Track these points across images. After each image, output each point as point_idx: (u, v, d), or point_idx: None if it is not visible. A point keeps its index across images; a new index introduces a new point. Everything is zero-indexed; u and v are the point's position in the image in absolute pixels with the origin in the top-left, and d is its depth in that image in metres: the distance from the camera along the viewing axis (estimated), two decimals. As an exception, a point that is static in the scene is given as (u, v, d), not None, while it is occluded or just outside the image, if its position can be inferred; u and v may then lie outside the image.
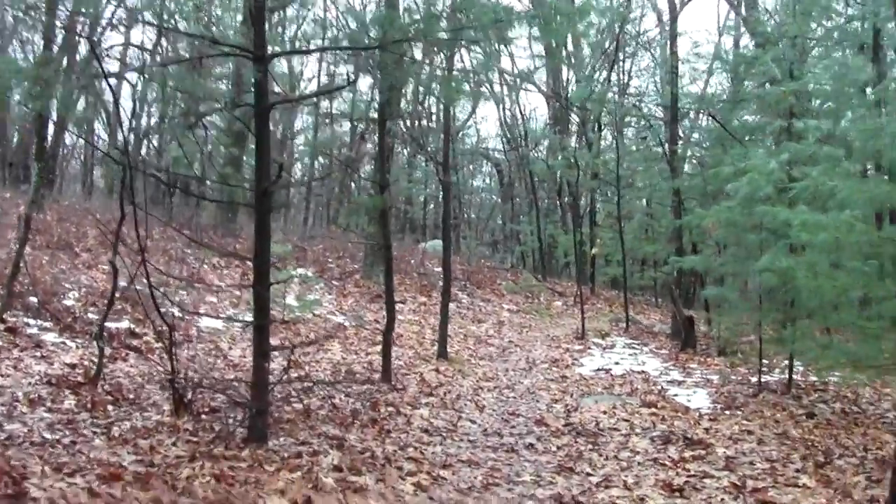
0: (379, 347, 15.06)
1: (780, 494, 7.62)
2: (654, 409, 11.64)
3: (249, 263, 8.67)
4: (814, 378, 13.84)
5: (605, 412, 11.46)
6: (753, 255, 13.02)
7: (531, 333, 22.00)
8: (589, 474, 8.48)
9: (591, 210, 36.26)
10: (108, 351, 12.00)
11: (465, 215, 48.83)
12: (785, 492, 7.70)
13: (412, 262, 31.64)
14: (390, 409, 10.91)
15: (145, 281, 9.91)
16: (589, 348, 18.82)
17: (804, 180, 10.48)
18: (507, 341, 20.09)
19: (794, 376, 13.39)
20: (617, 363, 16.56)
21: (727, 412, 11.67)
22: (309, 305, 18.98)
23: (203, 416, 9.19)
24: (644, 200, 34.24)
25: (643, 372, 15.47)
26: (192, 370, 11.04)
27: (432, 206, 45.91)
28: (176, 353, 9.47)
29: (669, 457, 9.06)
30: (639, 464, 8.86)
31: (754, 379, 13.84)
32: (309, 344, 11.60)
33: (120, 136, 29.96)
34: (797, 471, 8.40)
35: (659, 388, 13.72)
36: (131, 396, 9.91)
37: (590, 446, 9.70)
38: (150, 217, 11.74)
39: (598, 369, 15.89)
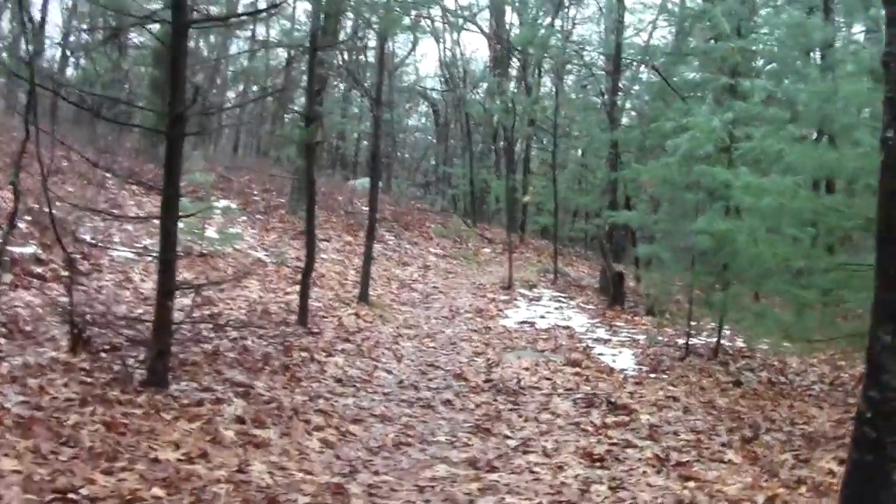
0: (299, 287, 14.55)
1: (704, 470, 7.23)
2: (578, 369, 11.26)
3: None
4: (741, 344, 13.57)
5: (527, 369, 11.06)
6: (689, 214, 12.66)
7: (457, 280, 21.56)
8: (507, 436, 8.05)
9: (525, 157, 35.79)
10: (7, 278, 11.33)
11: (398, 154, 48.11)
12: (710, 467, 7.31)
13: (340, 199, 30.97)
14: (304, 354, 10.39)
15: (56, 205, 9.22)
16: (515, 299, 18.42)
17: (748, 141, 10.07)
18: (431, 287, 19.62)
19: (722, 341, 13.11)
20: (542, 317, 16.17)
21: (653, 375, 11.34)
22: (229, 239, 18.27)
23: (102, 355, 8.58)
24: (579, 151, 33.85)
25: (569, 327, 15.10)
26: (99, 303, 10.42)
27: (365, 143, 45.05)
28: (79, 283, 8.87)
29: (592, 422, 8.67)
30: (559, 427, 8.45)
31: (681, 341, 13.55)
32: (219, 283, 10.96)
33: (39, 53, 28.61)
34: (723, 445, 8.03)
35: (584, 345, 13.36)
36: (28, 329, 9.26)
37: (509, 405, 9.28)
38: (71, 139, 11.00)
39: (523, 322, 15.49)
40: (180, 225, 16.82)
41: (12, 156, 13.50)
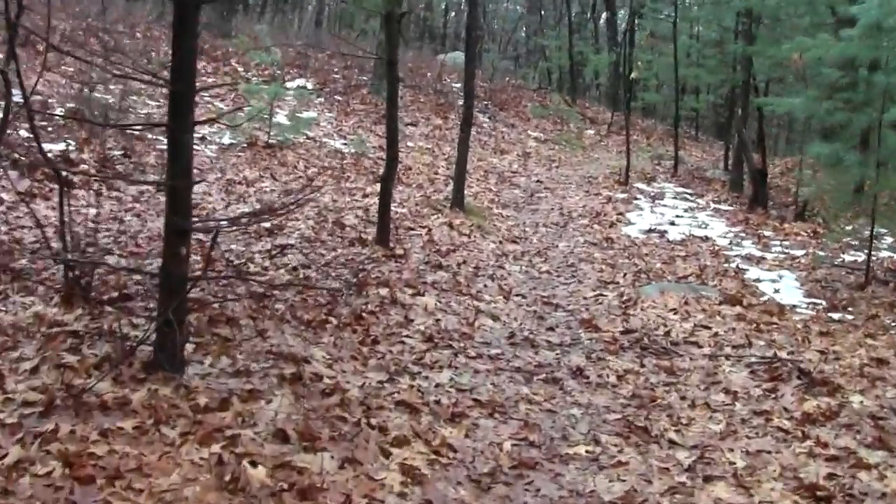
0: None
1: None
2: (739, 309, 8.62)
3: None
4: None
5: (674, 311, 8.44)
6: (875, 103, 9.79)
7: (562, 171, 18.88)
8: (673, 442, 5.52)
9: (629, 28, 32.41)
10: (24, 184, 9.11)
11: (489, 26, 44.79)
12: None
13: (429, 75, 28.21)
14: (383, 293, 7.93)
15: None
16: (635, 198, 15.71)
17: None
18: (534, 181, 16.99)
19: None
20: (673, 222, 13.48)
21: (835, 317, 8.67)
22: (301, 125, 15.84)
23: (108, 310, 6.23)
24: (692, 23, 30.27)
25: (708, 238, 12.40)
26: (107, 238, 8.11)
27: (453, 14, 41.89)
28: (72, 209, 6.51)
29: (785, 409, 6.07)
30: (743, 421, 5.88)
31: (849, 258, 10.85)
32: (256, 217, 8.16)
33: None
34: None
35: (734, 266, 10.69)
36: (20, 266, 7.02)
37: (664, 377, 6.73)
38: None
39: (651, 230, 12.84)
40: (245, 109, 14.57)
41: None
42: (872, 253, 10.23)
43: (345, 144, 16.45)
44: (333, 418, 5.14)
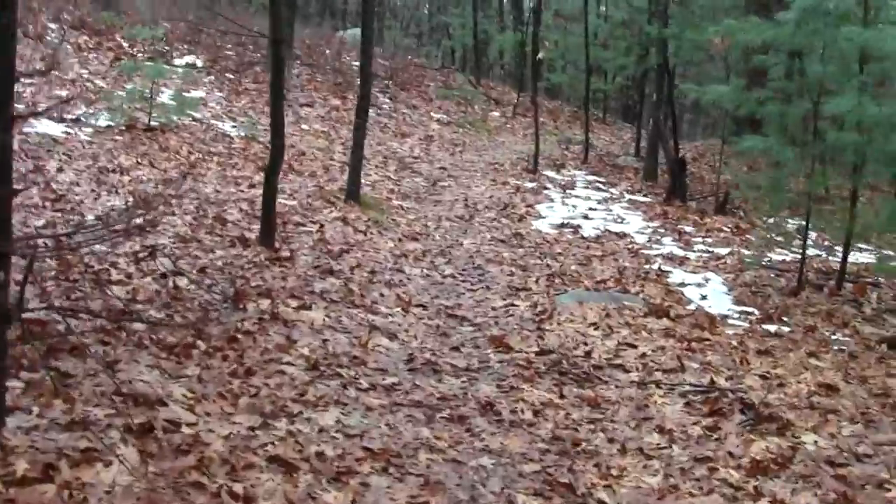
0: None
1: None
2: (667, 321, 7.72)
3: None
4: (856, 262, 10.12)
5: (594, 325, 7.49)
6: (811, 93, 8.94)
7: (467, 156, 17.89)
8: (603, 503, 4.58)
9: (536, 6, 31.49)
10: None
11: (390, 2, 43.51)
12: None
13: (328, 53, 26.90)
14: (263, 307, 6.85)
15: None
16: (545, 187, 14.78)
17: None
18: (437, 168, 15.97)
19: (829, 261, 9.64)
20: (586, 216, 12.59)
21: (771, 329, 7.82)
22: (186, 106, 14.57)
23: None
24: (598, 3, 29.47)
25: (625, 235, 11.53)
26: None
27: (356, -12, 40.52)
28: None
29: (731, 455, 5.17)
30: (684, 472, 4.96)
31: (777, 256, 10.11)
32: (104, 229, 6.86)
33: None
34: None
35: (656, 268, 9.81)
36: None
37: (587, 410, 5.78)
38: None
39: (563, 224, 11.93)
40: (126, 87, 13.24)
41: None
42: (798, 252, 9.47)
43: (234, 127, 15.23)
44: (188, 486, 4.07)
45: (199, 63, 20.31)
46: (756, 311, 8.39)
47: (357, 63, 23.61)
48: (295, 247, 8.90)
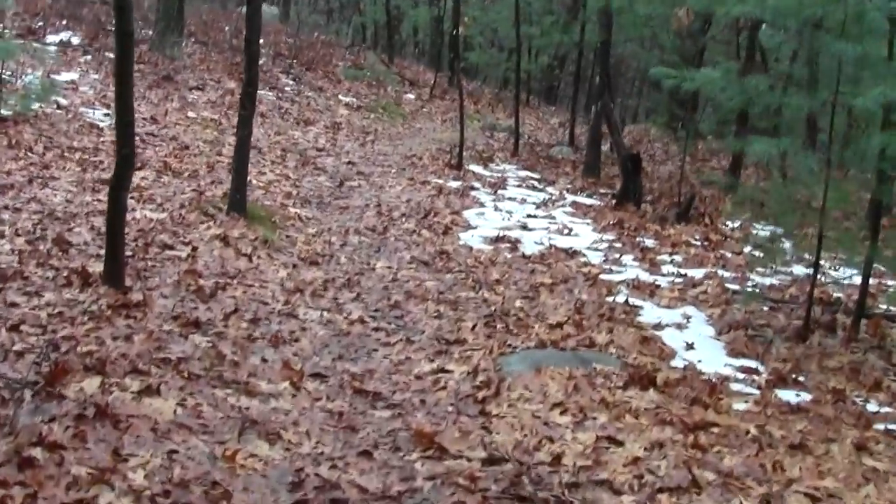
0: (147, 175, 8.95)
1: None
2: (654, 395, 5.61)
3: None
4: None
5: (559, 406, 5.35)
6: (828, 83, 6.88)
7: (380, 146, 15.69)
8: None
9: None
10: None
11: (298, -24, 40.89)
12: None
13: (227, 29, 24.41)
14: (88, 389, 4.69)
15: None
16: (472, 187, 12.63)
17: None
18: (345, 162, 13.73)
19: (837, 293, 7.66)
20: (525, 225, 10.48)
21: (789, 398, 5.79)
22: (49, 92, 12.20)
23: None
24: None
25: (576, 253, 9.42)
26: None
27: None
28: None
29: None
30: None
31: (772, 280, 8.15)
32: None
33: None
34: None
35: (622, 301, 7.72)
36: None
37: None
38: None
39: (497, 238, 9.79)
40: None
41: None
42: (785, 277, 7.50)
43: (108, 115, 12.79)
44: None
45: (76, 41, 17.84)
46: (760, 367, 6.36)
47: (261, 41, 21.35)
48: (154, 283, 6.66)
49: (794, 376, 6.22)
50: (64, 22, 19.48)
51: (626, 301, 7.65)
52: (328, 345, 6.23)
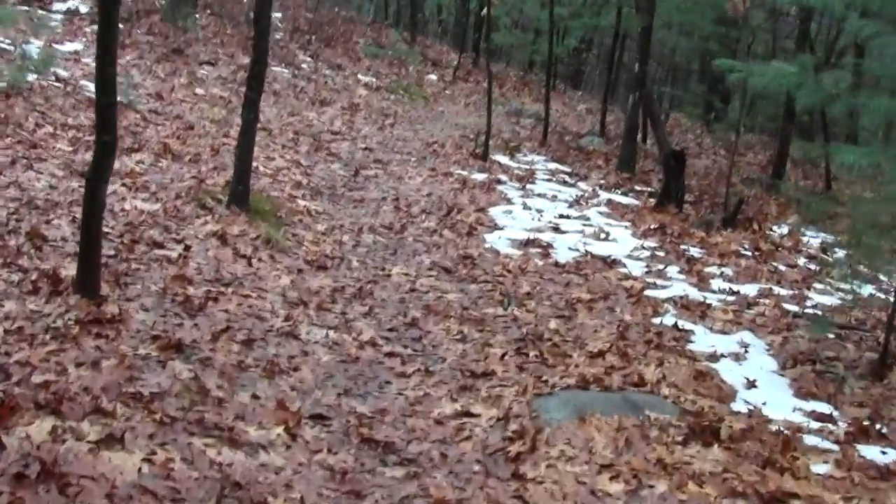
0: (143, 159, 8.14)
1: None
2: (718, 452, 4.69)
3: None
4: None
5: (609, 468, 4.44)
6: None
7: (399, 131, 14.76)
8: None
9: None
10: None
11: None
12: None
13: (245, 1, 23.48)
14: (37, 437, 3.84)
15: None
16: (498, 180, 11.71)
17: None
18: (362, 148, 12.81)
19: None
20: (556, 227, 9.56)
21: (874, 457, 4.88)
22: (47, 64, 11.39)
23: None
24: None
25: (615, 262, 8.48)
26: None
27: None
28: None
29: None
30: None
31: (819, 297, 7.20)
32: None
33: None
34: None
35: (670, 324, 6.79)
36: None
37: None
38: None
39: (527, 242, 8.87)
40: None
41: None
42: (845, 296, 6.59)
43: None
44: None
45: (84, 9, 16.96)
46: (835, 413, 5.44)
47: (279, 14, 20.45)
48: (134, 292, 5.77)
49: (877, 427, 5.30)
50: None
51: (676, 325, 6.73)
52: (333, 375, 5.32)
